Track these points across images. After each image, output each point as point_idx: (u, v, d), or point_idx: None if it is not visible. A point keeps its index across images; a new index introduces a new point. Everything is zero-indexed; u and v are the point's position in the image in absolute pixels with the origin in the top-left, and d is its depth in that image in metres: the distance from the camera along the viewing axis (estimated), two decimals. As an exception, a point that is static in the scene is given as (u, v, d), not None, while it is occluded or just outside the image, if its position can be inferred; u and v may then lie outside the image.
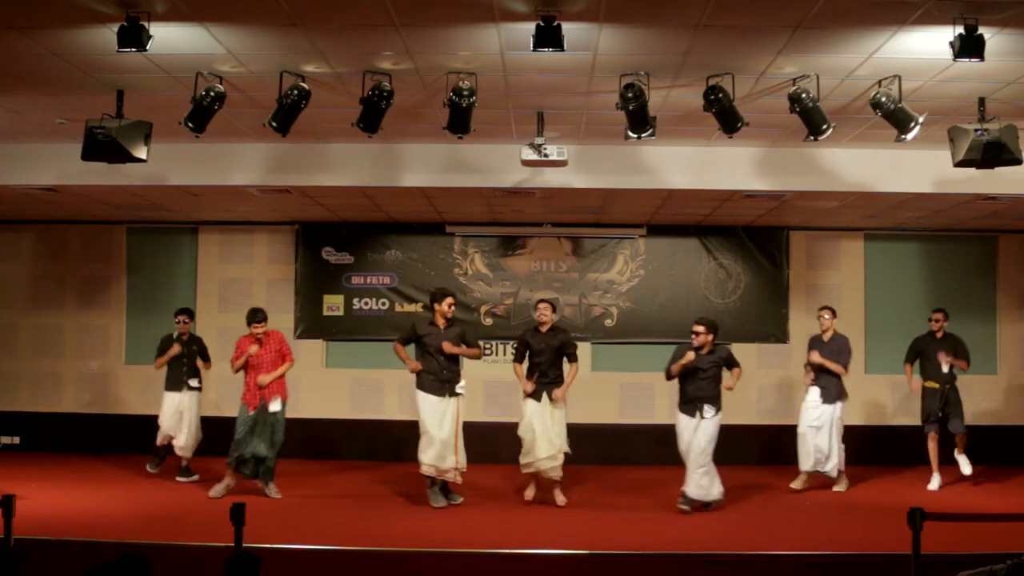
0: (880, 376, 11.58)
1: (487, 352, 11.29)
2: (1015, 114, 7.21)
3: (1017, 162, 7.06)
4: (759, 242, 11.64)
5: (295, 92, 6.73)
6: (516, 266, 11.71)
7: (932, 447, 9.66)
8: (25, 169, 9.07)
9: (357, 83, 6.81)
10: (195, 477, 9.66)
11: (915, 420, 11.42)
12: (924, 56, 6.20)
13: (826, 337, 9.69)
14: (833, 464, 9.50)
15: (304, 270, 11.73)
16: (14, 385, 11.80)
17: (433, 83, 6.96)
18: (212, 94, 6.75)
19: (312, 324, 11.66)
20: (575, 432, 8.85)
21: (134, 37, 5.57)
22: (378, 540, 7.20)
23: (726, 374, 8.67)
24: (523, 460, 8.68)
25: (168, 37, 5.93)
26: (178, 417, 9.73)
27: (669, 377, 8.66)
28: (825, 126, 6.86)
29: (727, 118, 6.86)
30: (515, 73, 6.80)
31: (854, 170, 8.92)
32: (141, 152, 7.13)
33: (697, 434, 8.40)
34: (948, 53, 5.66)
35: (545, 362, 8.71)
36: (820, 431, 9.47)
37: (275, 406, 8.80)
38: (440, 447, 8.43)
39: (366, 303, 11.59)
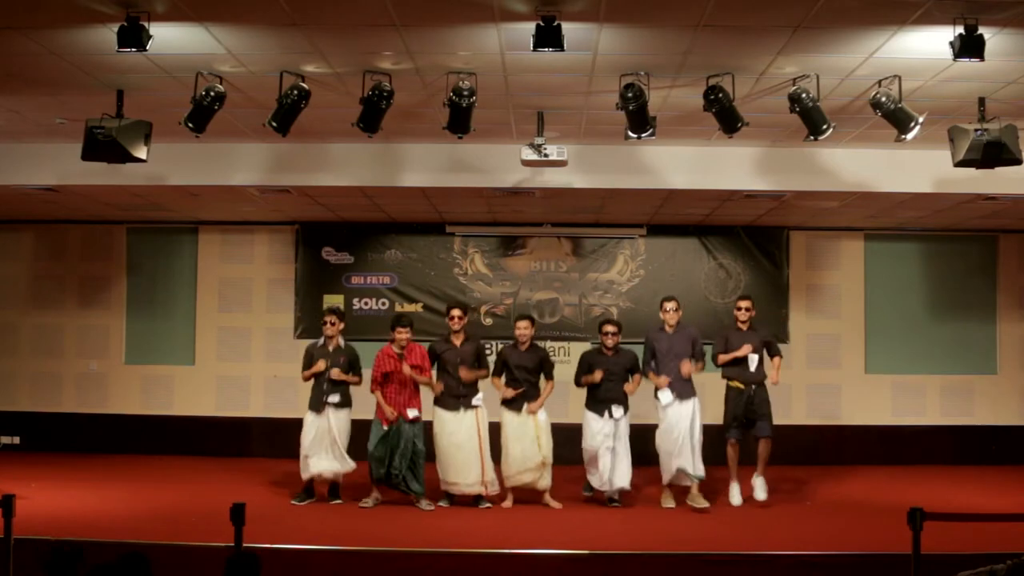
0: (880, 376, 11.58)
1: (487, 352, 11.28)
2: (1015, 114, 7.21)
3: (1017, 162, 7.06)
4: (759, 242, 11.64)
5: (295, 92, 6.73)
6: (516, 266, 11.71)
7: (732, 454, 8.76)
8: (25, 169, 9.07)
9: (357, 83, 6.81)
10: (339, 501, 8.71)
11: (916, 419, 11.50)
12: (924, 56, 6.21)
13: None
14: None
15: (304, 270, 11.73)
16: (14, 385, 11.80)
17: (433, 83, 6.96)
18: (212, 94, 6.75)
19: (312, 324, 11.63)
20: (576, 432, 8.85)
21: (134, 37, 5.57)
22: (378, 540, 7.19)
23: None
24: (505, 472, 8.63)
25: (168, 37, 5.93)
26: (319, 440, 8.58)
27: (579, 386, 8.83)
28: (825, 126, 6.86)
29: (727, 118, 6.86)
30: (515, 73, 6.80)
31: (854, 170, 8.92)
32: (141, 152, 7.13)
33: (618, 436, 8.60)
34: (948, 53, 5.66)
35: (523, 379, 8.68)
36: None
37: (413, 413, 8.49)
38: (459, 463, 8.45)
39: (366, 303, 11.59)
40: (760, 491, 8.79)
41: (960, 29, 5.53)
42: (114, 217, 11.45)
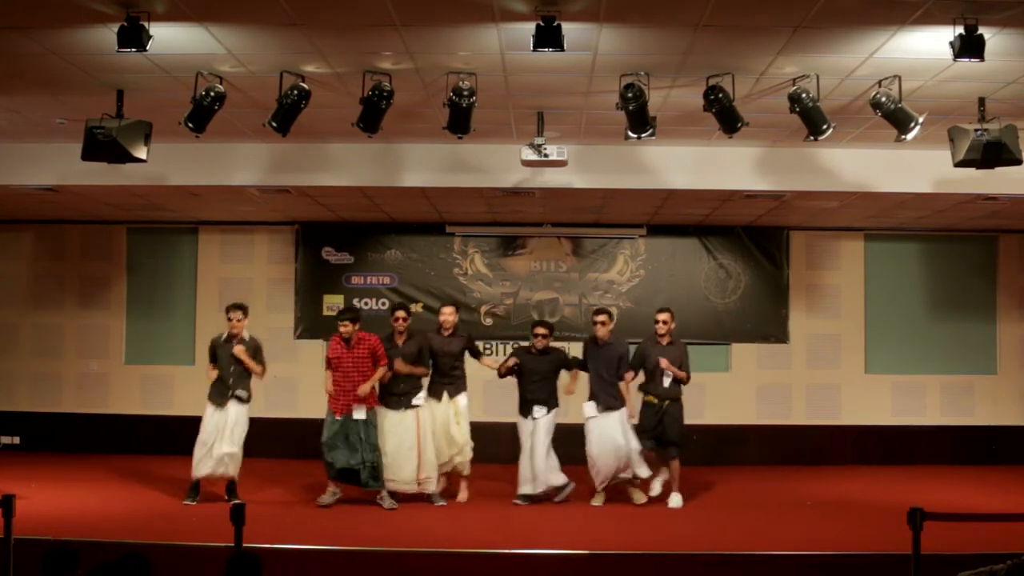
0: (880, 376, 11.58)
1: (487, 352, 11.30)
2: (1015, 114, 7.22)
3: (1017, 162, 7.06)
4: (759, 242, 11.64)
5: (295, 92, 6.73)
6: (516, 266, 11.71)
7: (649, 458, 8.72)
8: (25, 169, 9.07)
9: (357, 83, 6.81)
10: (238, 500, 8.02)
11: (916, 419, 11.51)
12: (924, 56, 6.21)
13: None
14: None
15: (304, 270, 11.73)
16: (14, 385, 11.80)
17: (433, 83, 6.96)
18: (212, 94, 6.75)
19: (312, 324, 11.66)
20: (575, 433, 8.85)
21: (134, 37, 5.57)
22: (378, 540, 7.19)
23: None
24: (438, 459, 8.72)
25: (168, 37, 5.93)
26: (218, 432, 8.44)
27: (500, 376, 8.96)
28: (825, 126, 6.86)
29: (727, 118, 6.86)
30: (515, 73, 6.80)
31: (854, 170, 8.92)
32: (141, 152, 7.13)
33: (536, 436, 8.63)
34: (948, 53, 5.66)
35: (446, 364, 8.79)
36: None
37: (359, 414, 8.42)
38: (397, 461, 8.51)
39: (366, 303, 11.58)
40: (674, 503, 8.65)
41: (960, 29, 5.53)
42: (114, 217, 11.45)
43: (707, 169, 9.01)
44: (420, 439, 8.56)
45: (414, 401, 8.63)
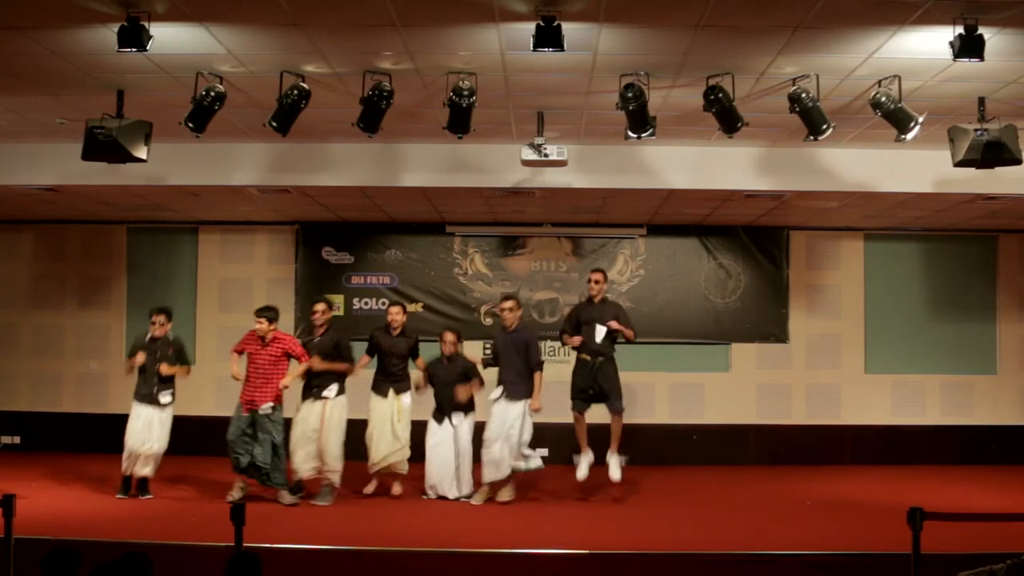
0: (880, 376, 11.58)
1: (485, 352, 11.30)
2: (1015, 114, 7.22)
3: (1017, 162, 7.07)
4: (759, 242, 11.64)
5: (295, 92, 6.74)
6: (516, 266, 11.71)
7: (579, 428, 8.66)
8: (25, 169, 9.08)
9: (357, 83, 6.82)
10: (150, 496, 8.76)
11: (916, 419, 11.51)
12: (924, 56, 6.21)
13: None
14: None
15: (304, 270, 11.73)
16: (14, 385, 11.80)
17: (433, 83, 6.96)
18: (212, 94, 6.76)
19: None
20: (568, 432, 8.85)
21: (134, 37, 5.58)
22: (378, 540, 7.19)
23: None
24: (371, 457, 8.89)
25: (168, 37, 5.93)
26: (146, 432, 8.74)
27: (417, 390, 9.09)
28: (825, 126, 6.86)
29: (727, 118, 6.87)
30: (515, 73, 6.81)
31: (854, 170, 8.92)
32: (141, 152, 7.14)
33: (459, 441, 8.76)
34: (948, 53, 5.67)
35: (392, 363, 8.99)
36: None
37: (265, 408, 8.45)
38: (306, 450, 8.61)
39: (366, 303, 11.59)
40: (614, 469, 8.63)
41: (960, 29, 5.54)
42: (114, 217, 11.45)
43: (707, 169, 9.01)
44: (323, 428, 8.63)
45: (323, 393, 8.72)
